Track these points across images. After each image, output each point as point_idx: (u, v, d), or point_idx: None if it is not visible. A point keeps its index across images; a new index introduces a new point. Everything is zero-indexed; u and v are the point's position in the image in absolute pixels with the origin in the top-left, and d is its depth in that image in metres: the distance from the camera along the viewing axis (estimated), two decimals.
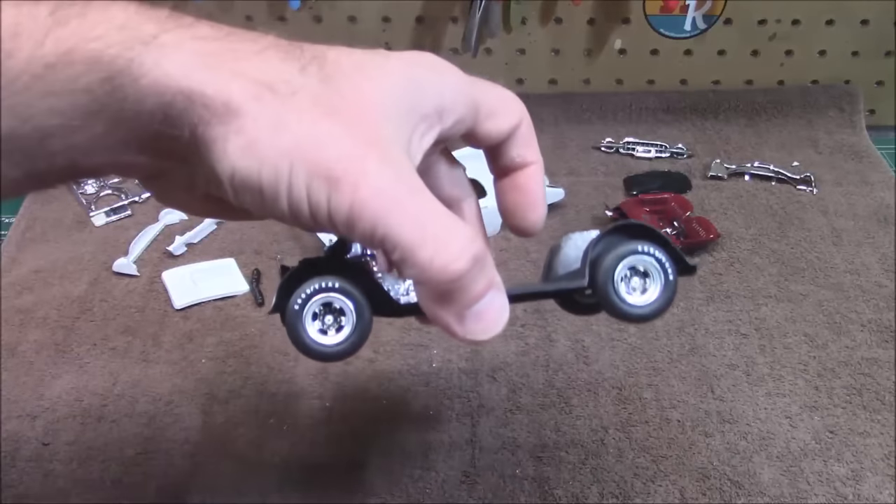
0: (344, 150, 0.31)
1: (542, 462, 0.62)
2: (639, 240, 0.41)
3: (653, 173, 0.93)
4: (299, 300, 0.37)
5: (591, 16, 1.00)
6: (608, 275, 0.41)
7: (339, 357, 0.38)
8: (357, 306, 0.38)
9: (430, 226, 0.32)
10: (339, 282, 0.38)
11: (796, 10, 1.00)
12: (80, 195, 0.90)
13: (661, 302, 0.41)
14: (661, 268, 0.41)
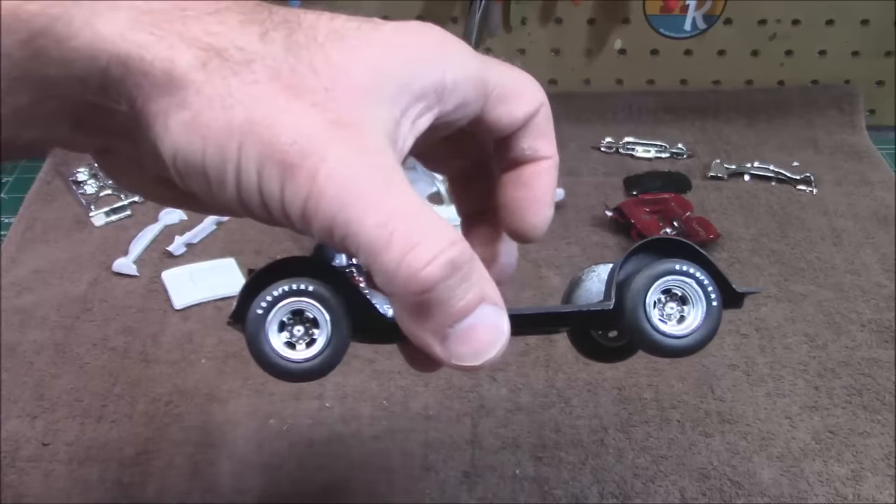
0: (303, 131, 0.27)
1: (542, 462, 0.62)
2: (677, 259, 0.35)
3: (653, 173, 0.93)
4: (264, 303, 0.32)
5: (591, 16, 1.01)
6: (639, 297, 0.34)
7: (307, 376, 0.32)
8: (333, 316, 0.32)
9: (401, 224, 0.27)
10: (315, 285, 0.32)
11: (796, 10, 1.00)
12: (80, 195, 0.90)
13: (703, 332, 0.35)
14: (702, 292, 0.35)
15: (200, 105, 0.27)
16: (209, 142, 0.27)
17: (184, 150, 0.27)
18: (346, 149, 0.27)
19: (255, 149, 0.27)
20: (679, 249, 0.36)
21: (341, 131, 0.27)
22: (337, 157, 0.27)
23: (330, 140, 0.27)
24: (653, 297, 0.34)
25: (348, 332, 0.32)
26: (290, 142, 0.26)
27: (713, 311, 0.35)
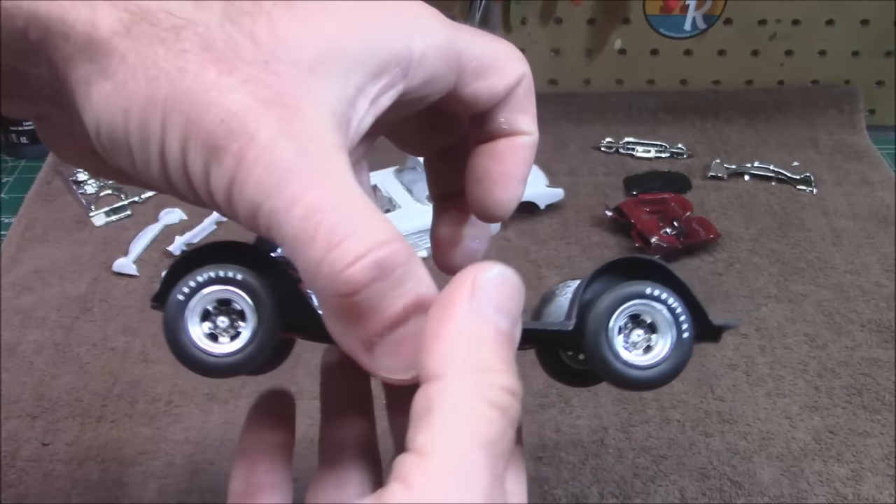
0: (232, 109, 0.24)
1: (542, 462, 0.62)
2: (649, 281, 0.32)
3: (653, 173, 0.93)
4: (186, 288, 0.29)
5: (591, 16, 1.01)
6: (602, 321, 0.31)
7: (228, 371, 0.30)
8: (261, 309, 0.29)
9: (327, 217, 0.24)
10: (245, 274, 0.29)
11: (796, 10, 1.00)
12: (80, 195, 0.90)
13: (670, 365, 0.31)
14: (673, 320, 0.31)
15: (124, 75, 0.24)
16: (132, 116, 0.24)
17: (106, 124, 0.25)
18: (277, 131, 0.24)
19: (179, 126, 0.24)
20: (654, 271, 0.32)
21: (275, 111, 0.24)
22: (266, 140, 0.24)
23: (261, 121, 0.24)
24: (617, 322, 0.31)
25: (278, 327, 0.30)
26: (216, 121, 0.24)
27: (683, 342, 0.31)
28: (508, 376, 0.26)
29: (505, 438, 0.25)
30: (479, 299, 0.26)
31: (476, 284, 0.26)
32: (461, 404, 0.25)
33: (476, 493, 0.23)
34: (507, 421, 0.25)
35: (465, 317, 0.26)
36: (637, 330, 0.32)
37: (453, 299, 0.26)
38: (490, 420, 0.25)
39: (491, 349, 0.26)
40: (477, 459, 0.24)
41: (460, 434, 0.24)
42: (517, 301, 0.27)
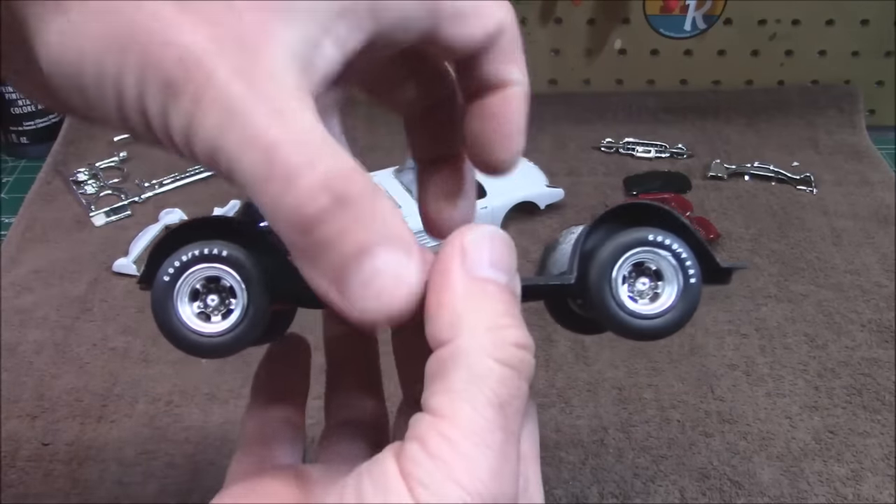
0: (191, 48, 0.23)
1: (543, 462, 0.62)
2: (651, 227, 0.30)
3: (653, 173, 0.93)
4: (171, 269, 0.29)
5: (591, 16, 1.01)
6: (604, 272, 0.30)
7: (221, 351, 0.30)
8: (249, 283, 0.29)
9: (284, 152, 0.23)
10: (230, 249, 0.28)
11: (796, 10, 1.00)
12: (80, 195, 0.90)
13: (678, 313, 0.30)
14: (679, 267, 0.30)
15: (79, 12, 0.23)
16: (87, 54, 0.24)
17: (60, 62, 0.24)
18: (235, 72, 0.23)
19: (136, 64, 0.23)
20: (658, 217, 0.31)
21: (236, 52, 0.24)
22: (223, 80, 0.23)
23: (219, 61, 0.23)
24: (621, 271, 0.30)
25: (269, 300, 0.29)
26: (174, 59, 0.23)
27: (691, 288, 0.30)
28: (517, 330, 0.27)
29: (519, 396, 0.26)
30: (471, 260, 0.27)
31: (465, 247, 0.27)
32: (473, 365, 0.25)
33: (491, 453, 0.24)
34: (520, 378, 0.26)
35: (462, 280, 0.27)
36: (642, 278, 0.31)
37: (446, 266, 0.27)
38: (503, 379, 0.26)
39: (494, 306, 0.27)
40: (491, 419, 0.25)
41: (474, 395, 0.25)
42: (509, 255, 0.28)
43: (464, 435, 0.24)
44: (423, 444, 0.24)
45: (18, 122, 0.98)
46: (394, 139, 0.98)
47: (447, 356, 0.26)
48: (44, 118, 0.99)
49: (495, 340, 0.26)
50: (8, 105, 0.97)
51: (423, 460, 0.24)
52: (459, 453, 0.24)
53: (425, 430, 0.25)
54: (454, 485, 0.24)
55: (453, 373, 0.25)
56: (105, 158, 0.95)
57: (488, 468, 0.24)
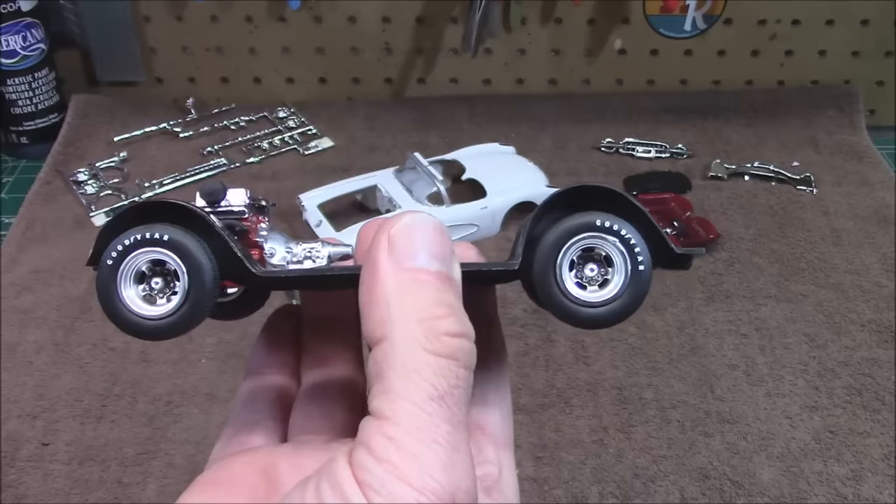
0: None
1: (542, 462, 0.62)
2: (600, 212, 0.29)
3: (653, 173, 0.93)
4: (114, 252, 0.29)
5: (591, 16, 1.00)
6: (549, 258, 0.29)
7: (162, 333, 0.29)
8: (192, 268, 0.29)
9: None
10: (173, 234, 0.29)
11: (796, 10, 1.00)
12: (80, 195, 0.90)
13: (624, 301, 0.29)
14: (627, 253, 0.29)
15: None
16: None
17: None
18: None
19: None
20: (609, 201, 0.30)
21: None
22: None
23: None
24: (567, 257, 0.29)
25: (213, 287, 0.29)
26: None
27: (639, 276, 0.29)
28: (450, 319, 0.26)
29: (460, 385, 0.25)
30: (397, 251, 0.27)
31: (392, 239, 0.27)
32: (407, 360, 0.25)
33: (439, 447, 0.24)
34: (458, 366, 0.26)
35: (390, 273, 0.26)
36: (590, 264, 0.30)
37: (374, 260, 0.27)
38: (440, 371, 0.25)
39: (425, 297, 0.26)
40: (434, 413, 0.24)
41: (412, 391, 0.25)
42: (440, 241, 0.27)
43: (407, 433, 0.24)
44: (370, 449, 0.24)
45: (18, 122, 0.98)
46: (394, 139, 0.98)
47: (381, 355, 0.25)
48: (44, 118, 0.99)
49: (427, 332, 0.25)
50: (8, 105, 0.97)
51: (372, 465, 0.24)
52: (406, 453, 0.24)
53: (371, 433, 0.25)
54: (405, 486, 0.23)
55: (389, 371, 0.25)
56: (105, 158, 0.95)
57: (439, 463, 0.24)
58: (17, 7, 0.93)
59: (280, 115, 1.02)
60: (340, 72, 1.05)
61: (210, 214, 0.30)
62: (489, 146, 0.92)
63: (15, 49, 0.94)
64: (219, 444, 0.34)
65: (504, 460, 0.31)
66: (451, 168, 0.88)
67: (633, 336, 0.72)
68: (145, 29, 1.02)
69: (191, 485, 0.31)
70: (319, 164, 0.95)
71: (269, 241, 0.33)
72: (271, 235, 0.33)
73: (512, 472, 0.31)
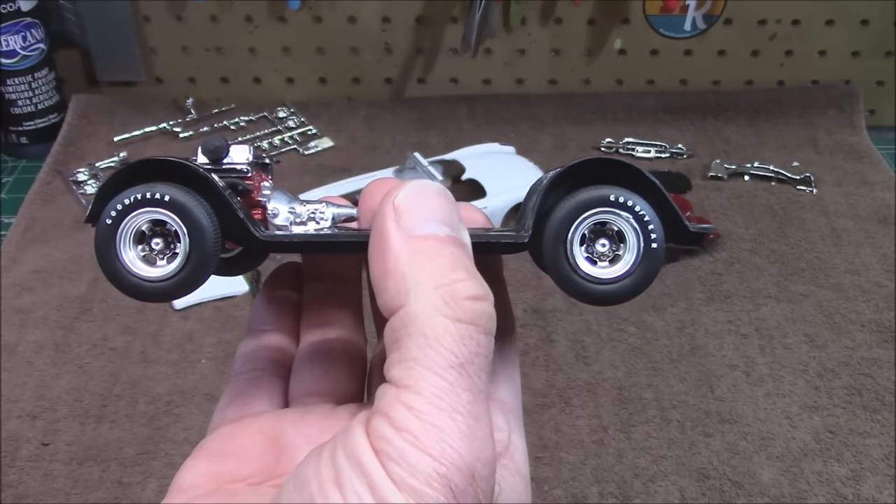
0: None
1: (542, 462, 0.62)
2: (615, 187, 0.29)
3: (653, 173, 0.93)
4: (113, 212, 0.28)
5: (591, 16, 1.00)
6: (560, 232, 0.29)
7: (163, 294, 0.29)
8: (193, 229, 0.28)
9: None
10: (174, 193, 0.28)
11: (796, 10, 1.00)
12: (80, 195, 0.90)
13: (636, 278, 0.29)
14: (640, 229, 0.28)
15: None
16: None
17: None
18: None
19: None
20: (624, 175, 0.29)
21: None
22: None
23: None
24: (578, 232, 0.29)
25: (215, 249, 0.29)
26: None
27: (652, 253, 0.28)
28: (468, 282, 0.25)
29: (481, 353, 0.25)
30: (405, 219, 0.26)
31: (397, 208, 0.26)
32: (427, 328, 0.25)
33: (459, 417, 0.24)
34: (479, 332, 0.25)
35: (401, 242, 0.26)
36: (602, 240, 0.29)
37: (382, 232, 0.26)
38: (460, 337, 0.25)
39: (440, 262, 0.26)
40: (454, 381, 0.24)
41: (433, 359, 0.24)
42: (446, 206, 0.27)
43: (428, 402, 0.24)
44: (389, 419, 0.24)
45: (18, 122, 0.98)
46: (394, 139, 0.98)
47: (399, 324, 0.25)
48: (44, 118, 0.99)
49: (446, 297, 0.25)
50: (8, 105, 0.97)
51: (391, 435, 0.23)
52: (426, 422, 0.23)
53: (390, 402, 0.24)
54: (425, 456, 0.23)
55: (408, 339, 0.25)
56: (105, 158, 0.95)
57: (459, 433, 0.24)
58: (17, 7, 0.93)
59: (280, 115, 1.02)
60: (340, 72, 1.05)
61: (212, 173, 0.29)
62: (489, 146, 0.92)
63: (15, 49, 0.94)
64: (220, 405, 0.33)
65: (513, 424, 0.31)
66: (451, 168, 0.88)
67: (633, 336, 0.72)
68: (145, 29, 1.02)
69: (195, 450, 0.30)
70: (319, 164, 0.95)
71: (272, 201, 0.32)
72: (274, 195, 0.32)
73: (521, 437, 0.31)
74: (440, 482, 0.23)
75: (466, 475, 0.23)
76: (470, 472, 0.23)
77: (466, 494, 0.23)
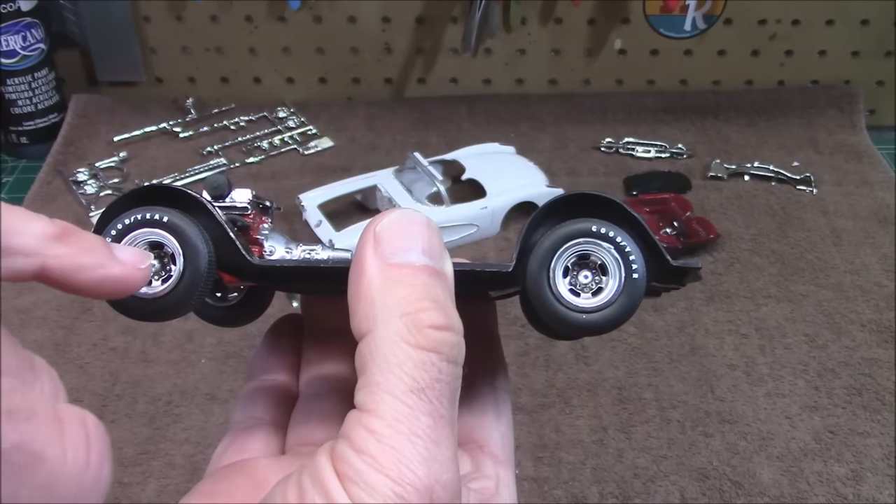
0: None
1: (542, 462, 0.62)
2: (597, 219, 0.30)
3: (653, 173, 0.93)
4: (114, 231, 0.30)
5: (591, 16, 1.00)
6: (543, 261, 0.29)
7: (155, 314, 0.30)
8: (188, 251, 0.29)
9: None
10: (172, 216, 0.30)
11: (796, 10, 1.00)
12: (79, 195, 0.90)
13: (617, 308, 0.29)
14: (621, 260, 0.29)
15: None
16: None
17: None
18: None
19: None
20: (607, 209, 0.30)
21: None
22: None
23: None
24: (561, 262, 0.29)
25: (208, 272, 0.30)
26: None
27: (633, 284, 0.29)
28: (434, 312, 0.26)
29: (442, 379, 0.25)
30: (383, 247, 0.27)
31: (378, 234, 0.27)
32: (389, 354, 0.25)
33: (418, 440, 0.24)
34: (441, 360, 0.25)
35: (375, 269, 0.27)
36: (585, 271, 0.30)
37: (360, 257, 0.27)
38: (421, 363, 0.25)
39: (409, 291, 0.26)
40: (414, 406, 0.25)
41: (393, 384, 0.25)
42: (427, 236, 0.27)
43: (387, 425, 0.24)
44: (350, 441, 0.24)
45: (18, 122, 0.98)
46: (394, 139, 0.98)
47: (366, 349, 0.26)
48: (44, 118, 0.99)
49: (409, 325, 0.25)
50: (8, 105, 0.97)
51: (351, 457, 0.24)
52: (385, 445, 0.24)
53: (352, 426, 0.25)
54: (382, 477, 0.24)
55: (372, 364, 0.25)
56: (105, 158, 0.95)
57: (417, 455, 0.24)
58: (17, 7, 0.93)
59: (280, 115, 1.02)
60: (340, 72, 1.05)
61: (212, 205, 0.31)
62: (489, 146, 0.92)
63: (15, 49, 0.94)
64: (219, 449, 0.34)
65: (502, 476, 0.31)
66: (451, 168, 0.88)
67: (633, 336, 0.72)
68: (145, 29, 1.02)
69: (190, 492, 0.31)
70: (319, 164, 0.95)
71: (269, 240, 0.33)
72: (272, 235, 0.33)
73: (510, 488, 0.31)
74: (397, 502, 0.23)
75: (424, 496, 0.24)
76: (428, 494, 0.24)
77: None
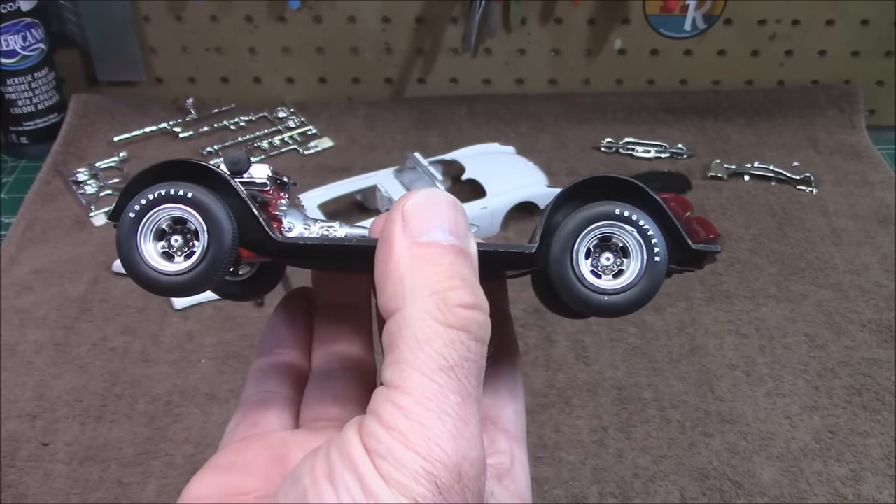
0: None
1: (542, 462, 0.62)
2: (620, 202, 0.30)
3: (653, 173, 0.93)
4: (137, 206, 0.29)
5: (591, 16, 1.00)
6: (566, 243, 0.30)
7: (179, 289, 0.29)
8: (211, 227, 0.29)
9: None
10: (196, 192, 0.29)
11: (796, 10, 1.00)
12: (80, 195, 0.90)
13: (638, 290, 0.30)
14: (643, 242, 0.30)
15: None
16: None
17: None
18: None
19: None
20: (630, 192, 0.30)
21: None
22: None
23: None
24: (584, 244, 0.30)
25: (232, 249, 0.29)
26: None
27: (654, 266, 0.29)
28: (463, 291, 0.26)
29: (471, 358, 0.26)
30: (411, 226, 0.27)
31: (406, 214, 0.27)
32: (419, 332, 0.25)
33: (447, 417, 0.24)
34: (469, 338, 0.26)
35: (404, 247, 0.27)
36: (606, 253, 0.30)
37: (389, 236, 0.27)
38: (451, 342, 0.25)
39: (438, 269, 0.26)
40: (443, 383, 0.25)
41: (423, 361, 0.25)
42: (454, 216, 0.28)
43: (417, 402, 0.24)
44: (379, 417, 0.25)
45: (18, 122, 0.98)
46: (394, 139, 0.98)
47: (395, 327, 0.26)
48: (44, 118, 0.99)
49: (439, 303, 0.26)
50: (8, 105, 0.97)
51: (380, 433, 0.24)
52: (414, 421, 0.24)
53: (381, 402, 0.25)
54: (412, 453, 0.24)
55: (401, 342, 0.25)
56: (105, 158, 0.95)
57: (446, 432, 0.24)
58: (17, 7, 0.93)
59: (280, 115, 1.02)
60: (340, 72, 1.05)
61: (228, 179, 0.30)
62: (489, 146, 0.92)
63: (15, 49, 0.94)
64: (231, 425, 0.34)
65: (517, 452, 0.32)
66: (451, 168, 0.88)
67: (633, 336, 0.72)
68: (145, 29, 1.02)
69: (205, 465, 0.31)
70: (319, 164, 0.95)
71: (287, 216, 0.33)
72: (290, 211, 0.33)
73: (524, 465, 0.32)
74: (427, 478, 0.24)
75: (453, 473, 0.24)
76: (457, 471, 0.24)
77: (453, 492, 0.24)
